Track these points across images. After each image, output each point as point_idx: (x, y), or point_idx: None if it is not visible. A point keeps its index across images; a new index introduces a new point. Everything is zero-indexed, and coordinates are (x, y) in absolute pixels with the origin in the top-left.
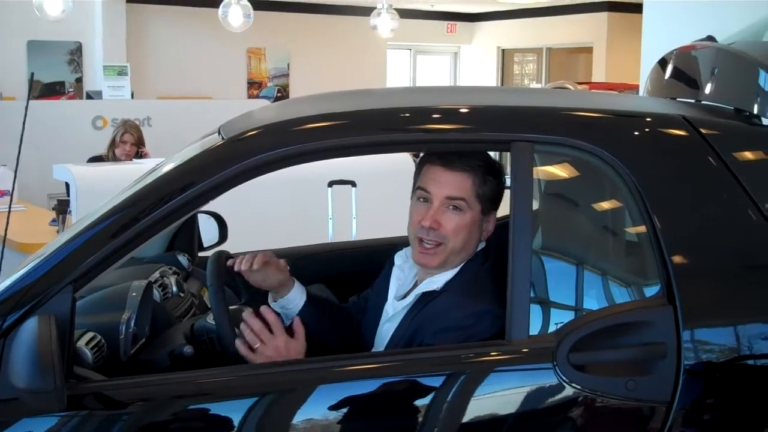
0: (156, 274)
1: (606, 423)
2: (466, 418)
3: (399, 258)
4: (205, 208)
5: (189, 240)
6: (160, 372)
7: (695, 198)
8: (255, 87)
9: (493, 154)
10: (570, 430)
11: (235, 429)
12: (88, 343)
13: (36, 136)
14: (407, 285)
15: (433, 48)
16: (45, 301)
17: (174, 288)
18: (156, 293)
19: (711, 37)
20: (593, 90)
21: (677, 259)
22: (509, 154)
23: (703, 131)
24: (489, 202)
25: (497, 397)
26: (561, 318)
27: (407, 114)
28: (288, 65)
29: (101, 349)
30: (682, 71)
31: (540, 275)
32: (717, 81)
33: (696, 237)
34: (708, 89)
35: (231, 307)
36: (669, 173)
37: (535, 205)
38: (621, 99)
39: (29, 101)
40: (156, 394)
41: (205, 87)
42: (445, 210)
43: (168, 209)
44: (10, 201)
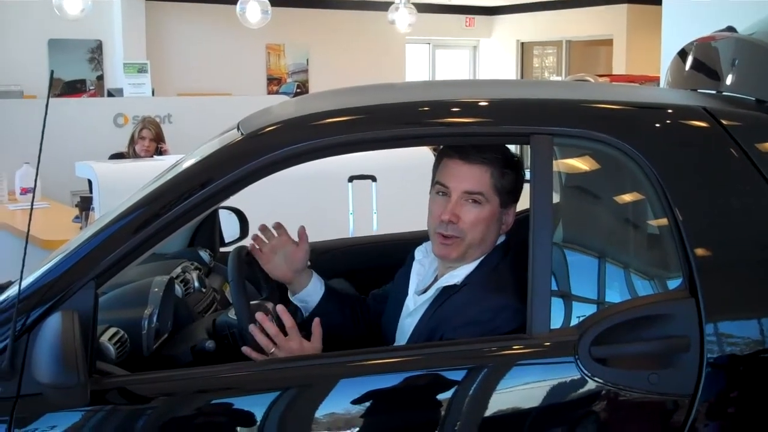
0: (178, 269)
1: (628, 417)
2: (488, 412)
3: (419, 253)
4: (226, 203)
5: (210, 235)
6: (182, 367)
7: (717, 190)
8: (274, 83)
9: (513, 147)
10: (592, 423)
11: (258, 423)
12: (110, 339)
13: (58, 133)
14: (428, 279)
15: (452, 42)
16: (68, 297)
17: (196, 283)
18: (178, 289)
19: (731, 28)
20: (613, 82)
21: (699, 252)
22: (529, 147)
23: (725, 122)
24: (508, 195)
25: (519, 391)
26: (582, 311)
27: (427, 108)
28: (307, 61)
29: (124, 345)
30: (702, 62)
31: (561, 268)
32: (737, 72)
33: (718, 229)
34: (729, 80)
35: (252, 302)
36: (690, 165)
37: (556, 198)
38: (641, 91)
39: (50, 99)
40: (179, 388)
41: (225, 83)
42: (464, 203)
43: (189, 205)
44: (32, 198)
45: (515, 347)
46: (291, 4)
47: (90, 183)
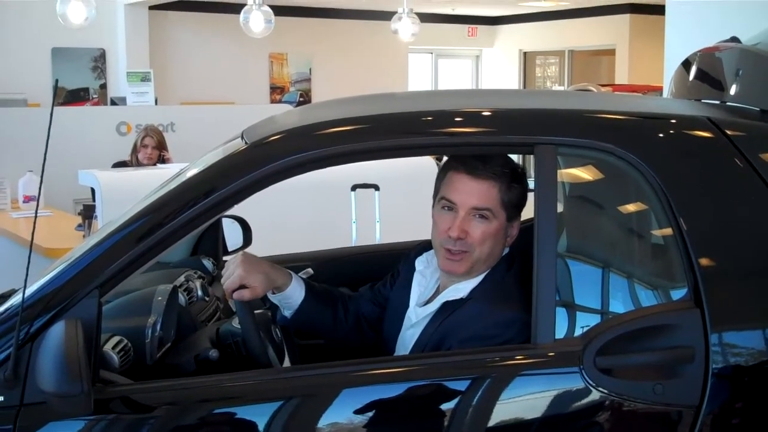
0: (181, 278)
1: (633, 427)
2: (492, 422)
3: (420, 263)
4: (230, 212)
5: (214, 244)
6: (185, 376)
7: (722, 200)
8: (277, 92)
9: (516, 157)
10: None
11: None
12: (114, 347)
13: (61, 142)
14: (429, 291)
15: (455, 51)
16: (72, 306)
17: (199, 292)
18: (181, 297)
19: (735, 38)
20: (616, 92)
21: (704, 262)
22: (533, 157)
23: (729, 133)
24: (514, 208)
25: (523, 401)
26: (587, 321)
27: (430, 117)
28: (310, 70)
29: (127, 353)
30: (706, 73)
31: (565, 278)
32: (742, 82)
33: (723, 239)
34: (733, 90)
35: (256, 311)
36: (695, 175)
37: (560, 208)
38: (645, 101)
39: (54, 107)
40: (182, 398)
41: (228, 92)
42: (472, 219)
43: (192, 214)
44: (36, 206)
45: (520, 357)
46: (294, 13)
47: (93, 191)
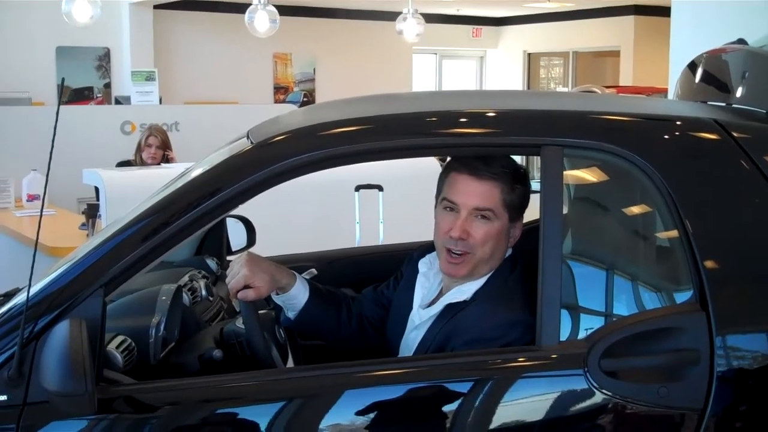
0: (185, 278)
1: (637, 430)
2: (496, 424)
3: (423, 265)
4: (234, 212)
5: (218, 244)
6: (189, 376)
7: (728, 202)
8: (281, 92)
9: (519, 158)
10: None
11: None
12: (118, 347)
13: (65, 141)
14: (433, 293)
15: (459, 52)
16: (76, 305)
17: (203, 292)
18: (185, 297)
19: (742, 40)
20: (621, 94)
21: (710, 265)
22: (538, 158)
23: (736, 135)
24: (516, 209)
25: (528, 403)
26: (592, 324)
27: (435, 118)
28: (314, 70)
29: (131, 353)
30: (712, 75)
31: (570, 280)
32: (748, 84)
33: (729, 242)
34: (739, 93)
35: (260, 312)
36: (701, 177)
37: (565, 210)
38: (652, 102)
39: (60, 106)
40: (185, 398)
41: (232, 92)
42: (474, 219)
43: (197, 214)
44: (42, 205)
45: (524, 359)
46: (299, 13)
47: (97, 190)
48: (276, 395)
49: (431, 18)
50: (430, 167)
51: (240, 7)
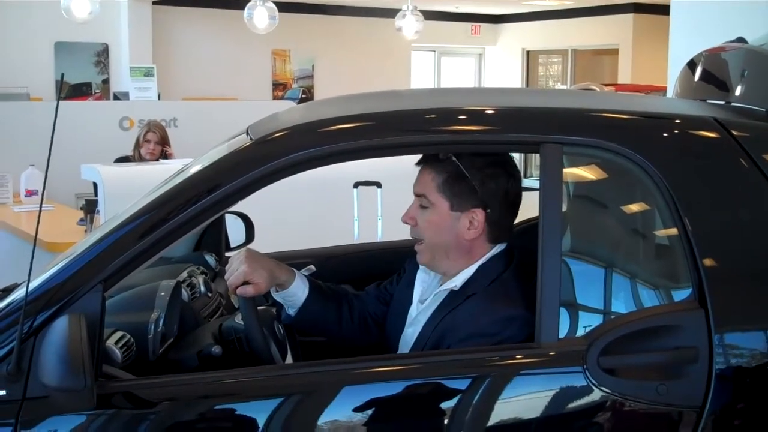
0: (184, 273)
1: (636, 427)
2: (494, 421)
3: None
4: (233, 208)
5: (216, 240)
6: (188, 372)
7: (727, 200)
8: (280, 88)
9: (517, 156)
10: None
11: (260, 429)
12: (117, 342)
13: (64, 136)
14: (432, 289)
15: (458, 49)
16: (75, 301)
17: (202, 288)
18: (184, 293)
19: (741, 39)
20: (620, 92)
21: (709, 262)
22: (538, 155)
23: (735, 133)
24: (459, 198)
25: (526, 400)
26: (591, 321)
27: (434, 115)
28: (312, 67)
29: (130, 349)
30: (711, 73)
31: (569, 278)
32: (747, 83)
33: (728, 240)
34: (738, 91)
35: (259, 308)
36: (700, 175)
37: (564, 207)
38: (651, 100)
39: (59, 102)
40: (184, 393)
41: (231, 88)
42: (417, 207)
43: (196, 210)
44: (41, 201)
45: (523, 356)
46: (298, 10)
47: (95, 186)
48: (274, 391)
49: (430, 15)
50: None
51: (239, 4)
